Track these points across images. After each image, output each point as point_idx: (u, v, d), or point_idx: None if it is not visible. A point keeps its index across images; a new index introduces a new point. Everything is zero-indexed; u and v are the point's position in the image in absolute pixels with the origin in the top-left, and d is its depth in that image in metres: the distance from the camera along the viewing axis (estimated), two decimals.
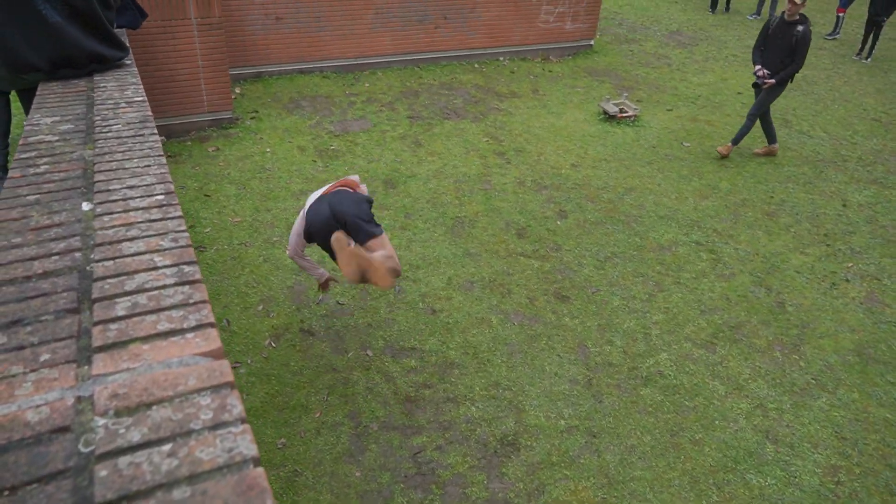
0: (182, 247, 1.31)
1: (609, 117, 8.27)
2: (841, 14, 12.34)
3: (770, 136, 7.58)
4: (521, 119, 8.16)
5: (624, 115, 8.27)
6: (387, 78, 9.00)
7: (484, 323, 4.98)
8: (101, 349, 1.02)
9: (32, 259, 1.29)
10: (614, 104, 8.41)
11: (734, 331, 5.11)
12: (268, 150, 6.97)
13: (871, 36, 11.29)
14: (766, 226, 6.45)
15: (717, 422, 4.31)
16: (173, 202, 1.51)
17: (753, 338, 5.05)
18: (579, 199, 6.60)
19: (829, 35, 12.55)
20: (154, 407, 0.90)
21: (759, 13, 13.44)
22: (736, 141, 7.46)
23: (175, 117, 7.04)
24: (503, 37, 9.92)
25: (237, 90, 8.13)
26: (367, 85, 8.75)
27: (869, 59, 11.39)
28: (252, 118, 7.57)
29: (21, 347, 1.03)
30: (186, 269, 1.23)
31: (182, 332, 1.05)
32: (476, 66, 9.76)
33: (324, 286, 4.55)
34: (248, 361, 4.51)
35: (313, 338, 4.74)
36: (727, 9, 13.51)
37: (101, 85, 2.52)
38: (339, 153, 7.05)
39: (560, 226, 6.16)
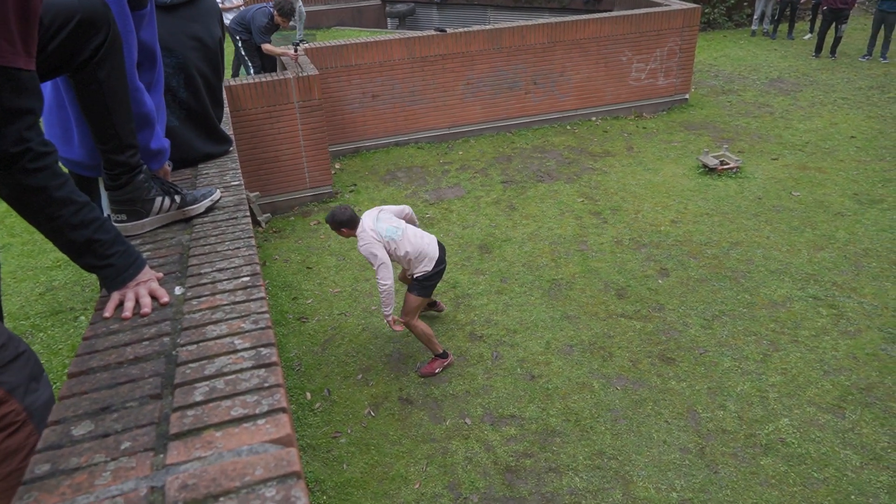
0: (262, 329, 1.33)
1: (709, 170, 7.98)
2: None
3: None
4: (617, 177, 8.03)
5: (725, 167, 7.96)
6: (479, 145, 9.16)
7: (585, 388, 4.79)
8: (178, 436, 1.03)
9: (126, 345, 1.34)
10: (714, 156, 8.12)
11: (865, 393, 4.64)
12: None
13: None
14: (894, 276, 5.92)
15: (853, 496, 3.88)
16: (258, 283, 1.55)
17: (889, 401, 4.56)
18: (681, 255, 6.34)
19: None
20: (221, 499, 0.89)
21: (870, 54, 12.76)
22: None
23: (280, 195, 7.43)
24: (594, 97, 9.90)
25: (336, 165, 8.51)
26: (460, 153, 8.93)
27: None
28: (351, 191, 7.86)
29: (106, 435, 1.06)
30: (264, 351, 1.25)
31: (254, 417, 1.05)
32: (568, 127, 9.77)
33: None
34: (349, 431, 4.53)
35: (412, 406, 4.72)
36: (833, 53, 12.90)
37: (204, 172, 2.67)
38: (434, 220, 7.16)
39: (662, 284, 5.91)
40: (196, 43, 2.74)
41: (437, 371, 4.97)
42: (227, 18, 10.19)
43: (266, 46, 8.93)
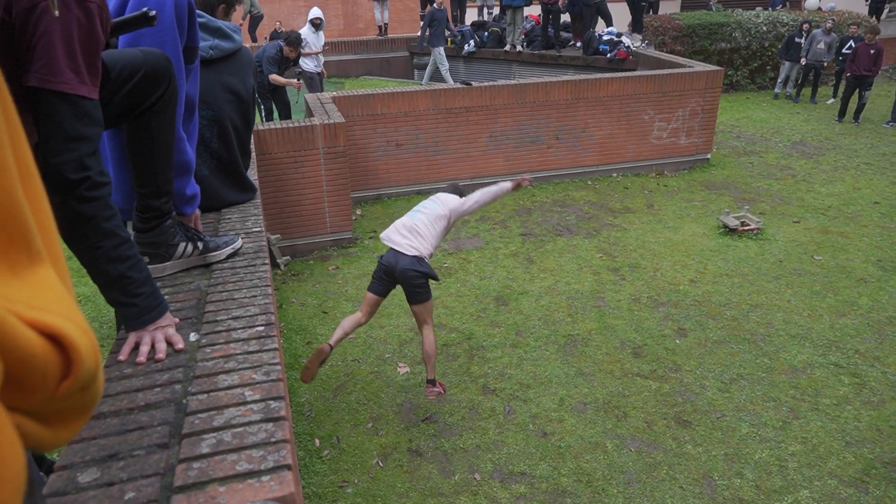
0: (273, 381, 1.33)
1: (729, 231, 7.95)
2: None
3: None
4: (636, 234, 8.02)
5: (746, 228, 7.93)
6: (501, 198, 9.21)
7: (598, 448, 4.69)
8: (181, 489, 1.03)
9: (137, 391, 1.35)
10: (735, 217, 8.10)
11: (890, 468, 4.49)
12: None
13: None
14: None
15: None
16: (272, 333, 1.56)
17: None
18: (699, 316, 6.27)
19: None
20: None
21: (894, 120, 12.77)
22: None
23: (300, 238, 7.50)
24: (616, 153, 9.98)
25: (358, 212, 8.60)
26: None
27: None
28: (371, 238, 7.92)
29: (111, 484, 1.06)
30: (273, 404, 1.25)
31: (259, 473, 1.05)
32: (589, 182, 9.82)
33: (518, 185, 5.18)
34: (356, 481, 4.47)
35: (421, 458, 4.65)
36: (856, 118, 12.93)
37: (227, 216, 2.72)
38: (452, 270, 7.17)
39: (679, 345, 5.83)
40: (231, 96, 2.83)
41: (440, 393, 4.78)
42: (305, 64, 10.51)
43: (273, 77, 9.18)
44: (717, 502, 4.24)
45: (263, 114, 9.34)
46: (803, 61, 14.05)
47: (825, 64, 14.12)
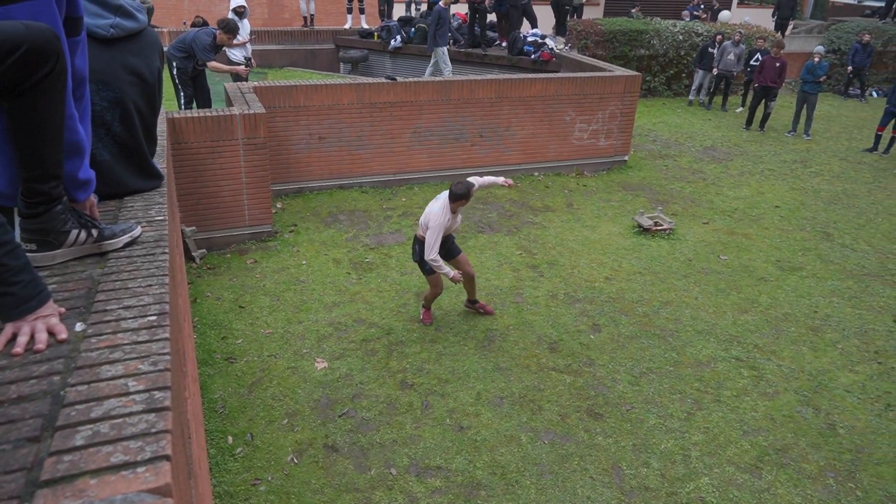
0: (159, 371, 1.28)
1: (643, 230, 8.24)
2: (880, 133, 12.33)
3: None
4: (555, 232, 8.19)
5: (659, 228, 8.23)
6: (423, 193, 9.24)
7: (513, 441, 4.77)
8: (48, 484, 0.97)
9: (11, 383, 1.27)
10: (649, 217, 8.39)
11: (781, 454, 4.77)
12: (303, 262, 7.10)
13: None
14: (810, 342, 6.16)
15: None
16: (164, 323, 1.49)
17: (803, 462, 4.70)
18: (613, 312, 6.47)
19: (869, 150, 12.49)
20: None
21: (794, 130, 13.55)
22: None
23: (217, 231, 7.28)
24: (538, 153, 10.16)
25: (278, 205, 8.42)
26: (403, 199, 8.98)
27: None
28: (291, 231, 7.78)
29: None
30: (158, 394, 1.19)
31: (134, 465, 1.00)
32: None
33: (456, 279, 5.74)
34: (269, 478, 4.37)
35: (337, 454, 4.60)
36: (762, 127, 13.65)
37: (129, 204, 2.60)
38: (373, 265, 7.13)
39: (593, 340, 6.00)
40: (134, 77, 2.70)
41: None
42: (234, 54, 10.14)
43: (213, 64, 8.89)
44: (625, 491, 4.38)
45: (183, 101, 9.01)
46: (715, 71, 14.70)
47: (735, 74, 14.82)
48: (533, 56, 13.06)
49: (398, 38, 14.44)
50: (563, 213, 8.85)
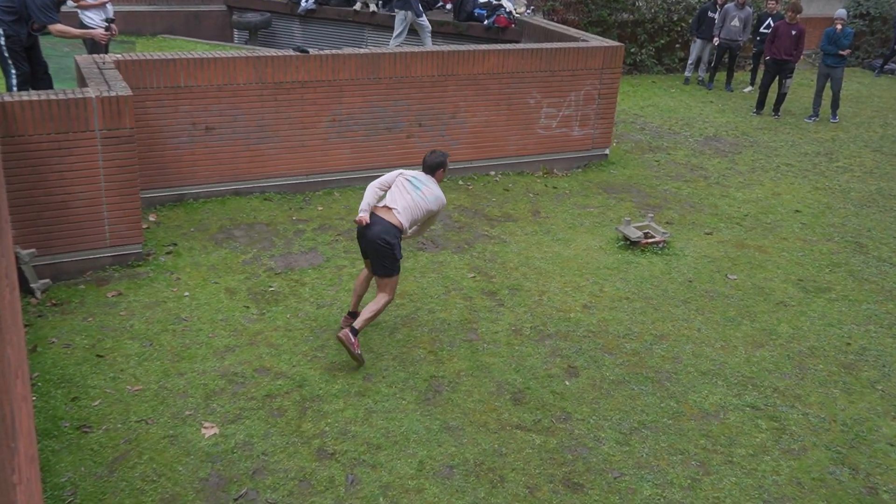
0: None
1: (631, 244, 8.38)
2: None
3: None
4: (518, 248, 8.26)
5: (650, 240, 8.39)
6: (346, 199, 9.20)
7: None
8: None
9: None
10: (637, 227, 8.55)
11: None
12: (186, 294, 6.97)
13: None
14: (843, 382, 6.36)
15: None
16: None
17: None
18: (594, 350, 6.54)
19: None
20: None
21: (816, 114, 14.08)
22: None
23: (66, 254, 7.08)
24: (494, 146, 10.26)
25: (151, 217, 8.27)
26: (320, 208, 8.92)
27: None
28: (168, 253, 7.63)
29: None
30: None
31: None
32: (461, 182, 10.02)
33: None
34: None
35: None
36: (776, 111, 14.13)
37: None
38: (279, 296, 7.05)
39: (569, 387, 6.05)
40: None
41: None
42: (88, 16, 9.94)
43: (58, 27, 8.69)
44: None
45: (16, 80, 8.78)
46: (716, 40, 15.19)
47: (741, 44, 15.35)
48: (486, 22, 13.24)
49: None
50: (527, 223, 8.93)
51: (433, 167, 6.49)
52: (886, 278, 8.18)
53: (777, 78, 13.92)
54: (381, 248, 6.02)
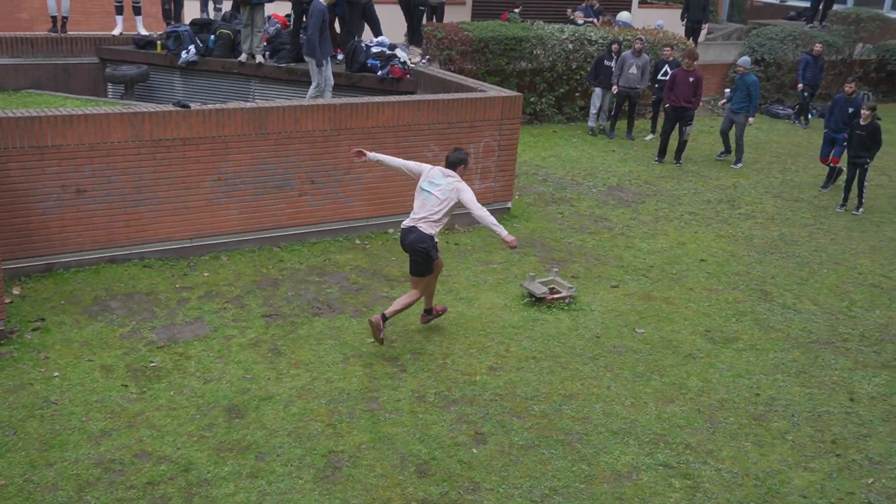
0: None
1: (536, 300, 8.53)
2: (833, 164, 13.68)
3: None
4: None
5: (555, 296, 8.56)
6: (234, 263, 9.10)
7: None
8: None
9: None
10: (542, 283, 8.72)
11: None
12: (56, 374, 6.73)
13: (856, 182, 12.46)
14: (754, 434, 6.58)
15: None
16: None
17: None
18: (501, 414, 6.59)
19: (823, 187, 13.79)
20: None
21: (728, 151, 14.97)
22: None
23: None
24: (392, 202, 10.34)
25: (15, 291, 7.99)
26: (205, 274, 8.79)
27: (860, 210, 12.49)
28: (35, 329, 7.38)
29: None
30: None
31: None
32: (357, 241, 10.04)
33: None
34: None
35: None
36: (678, 159, 14.75)
37: None
38: (162, 372, 6.88)
39: (477, 455, 6.07)
40: None
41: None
42: None
43: None
44: None
45: None
46: (615, 89, 15.80)
47: (640, 92, 16.01)
48: (380, 73, 13.42)
49: (191, 49, 14.37)
50: None
51: (454, 164, 7.64)
52: (791, 325, 8.56)
53: (678, 125, 14.56)
54: (416, 251, 7.34)
